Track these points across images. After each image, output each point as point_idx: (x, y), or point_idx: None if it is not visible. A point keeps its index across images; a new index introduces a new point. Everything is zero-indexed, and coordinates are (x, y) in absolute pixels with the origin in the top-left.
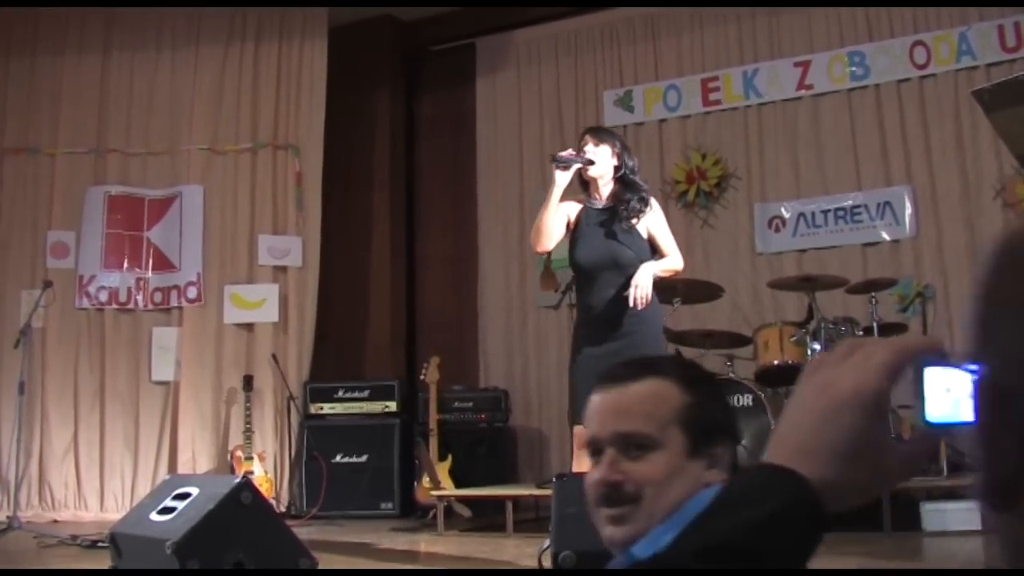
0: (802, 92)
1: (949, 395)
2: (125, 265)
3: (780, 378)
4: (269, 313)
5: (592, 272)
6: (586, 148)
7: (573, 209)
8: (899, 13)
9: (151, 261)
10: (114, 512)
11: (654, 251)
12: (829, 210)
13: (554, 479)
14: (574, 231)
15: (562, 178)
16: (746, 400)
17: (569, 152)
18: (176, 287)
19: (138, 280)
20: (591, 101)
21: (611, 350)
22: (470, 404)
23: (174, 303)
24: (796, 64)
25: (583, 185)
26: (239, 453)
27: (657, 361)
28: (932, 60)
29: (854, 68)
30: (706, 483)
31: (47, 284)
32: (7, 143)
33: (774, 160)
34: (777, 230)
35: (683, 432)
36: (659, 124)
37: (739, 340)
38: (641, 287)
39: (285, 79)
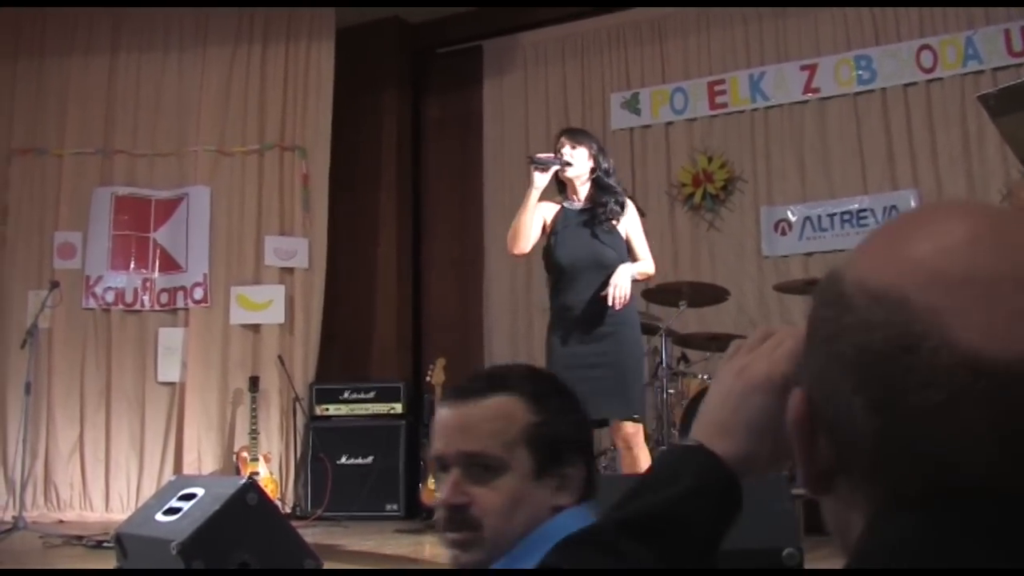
0: (809, 95)
1: None
2: (132, 266)
3: None
4: (275, 314)
5: (574, 272)
6: (563, 150)
7: (550, 211)
8: (906, 17)
9: (158, 262)
10: (119, 512)
11: (630, 253)
12: (835, 214)
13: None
14: (551, 232)
15: (540, 180)
16: None
17: (547, 154)
18: (182, 288)
19: (144, 281)
20: (598, 103)
21: (592, 351)
22: None
23: (180, 304)
24: (803, 67)
25: (559, 186)
26: (245, 454)
27: (506, 375)
28: (939, 64)
29: (861, 72)
30: (555, 506)
31: (54, 284)
32: (15, 144)
33: (780, 163)
34: (783, 233)
35: (529, 452)
36: (666, 127)
37: None
38: (620, 287)
39: (292, 80)
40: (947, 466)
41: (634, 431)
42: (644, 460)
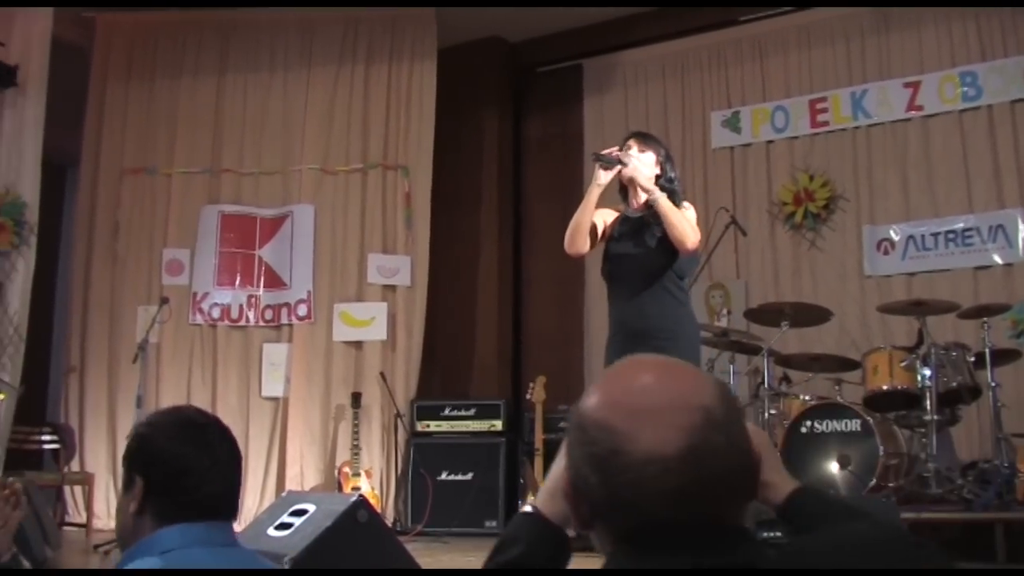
0: (912, 113)
1: None
2: (237, 282)
3: (889, 403)
4: (378, 331)
5: (622, 282)
6: (630, 152)
7: (609, 217)
8: (1013, 31)
9: (263, 279)
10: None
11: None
12: (940, 233)
13: None
14: (608, 240)
15: (604, 177)
16: (854, 425)
17: (611, 151)
18: (287, 304)
19: (250, 297)
20: (698, 122)
21: None
22: None
23: (284, 320)
24: (906, 85)
25: (622, 194)
26: (346, 469)
27: None
28: None
29: (966, 88)
30: (133, 512)
31: (163, 300)
32: (127, 163)
33: (883, 182)
34: (886, 253)
35: (126, 468)
36: (767, 145)
37: (847, 364)
38: (638, 169)
39: (395, 100)
40: (641, 515)
41: None
42: None
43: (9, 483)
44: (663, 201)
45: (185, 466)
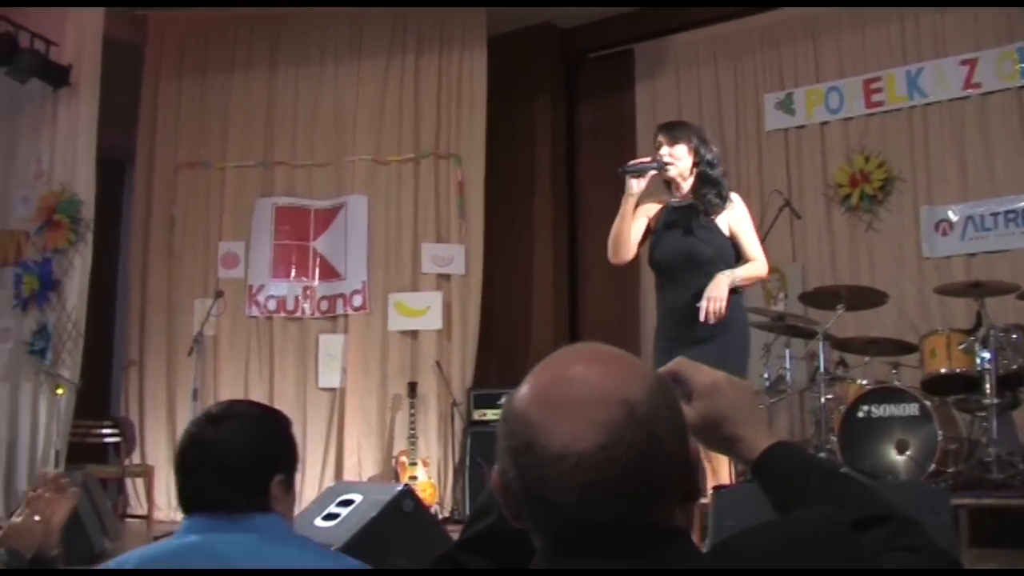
0: (969, 91)
1: None
2: (292, 274)
3: (948, 387)
4: (433, 320)
5: (670, 272)
6: (660, 150)
7: (652, 210)
8: None
9: (318, 270)
10: None
11: (736, 251)
12: (999, 212)
13: (711, 491)
14: (654, 231)
15: (636, 186)
16: (912, 409)
17: (641, 160)
18: (342, 295)
19: (305, 289)
20: (751, 105)
21: (693, 355)
22: None
23: (340, 311)
24: (962, 62)
25: (665, 183)
26: (403, 459)
27: None
28: None
29: None
30: None
31: (219, 293)
32: (181, 158)
33: (941, 161)
34: (944, 234)
35: None
36: (821, 127)
37: (905, 347)
38: (714, 300)
39: (446, 89)
40: (556, 512)
41: None
42: (723, 472)
43: (56, 477)
44: (724, 287)
45: None
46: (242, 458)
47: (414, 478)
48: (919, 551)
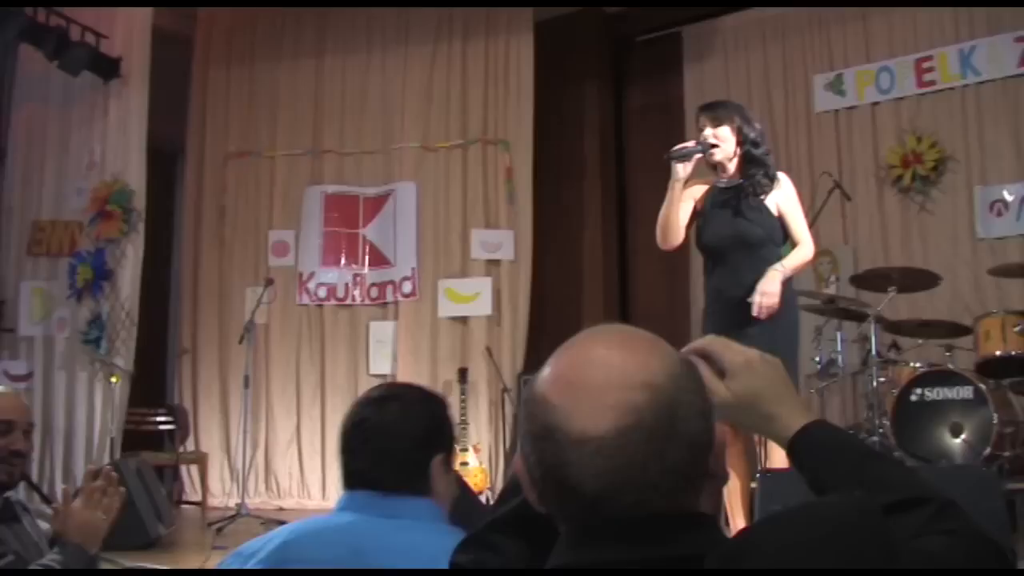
0: None
1: None
2: (342, 262)
3: (1003, 369)
4: (483, 306)
5: (720, 253)
6: (704, 132)
7: (699, 191)
8: None
9: (367, 257)
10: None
11: (784, 232)
12: None
13: (758, 475)
14: (701, 213)
15: (682, 171)
16: (967, 392)
17: (685, 145)
18: (392, 282)
19: (355, 276)
20: (800, 86)
21: (743, 336)
22: None
23: (390, 298)
24: (1017, 39)
25: (711, 165)
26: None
27: None
28: None
29: None
30: None
31: (269, 282)
32: (231, 148)
33: (995, 141)
34: (999, 214)
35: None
36: (872, 108)
37: (959, 330)
38: (767, 295)
39: (493, 75)
40: (575, 498)
41: None
42: (779, 456)
43: (104, 471)
44: (777, 282)
45: None
46: (402, 439)
47: (465, 464)
48: (958, 534)
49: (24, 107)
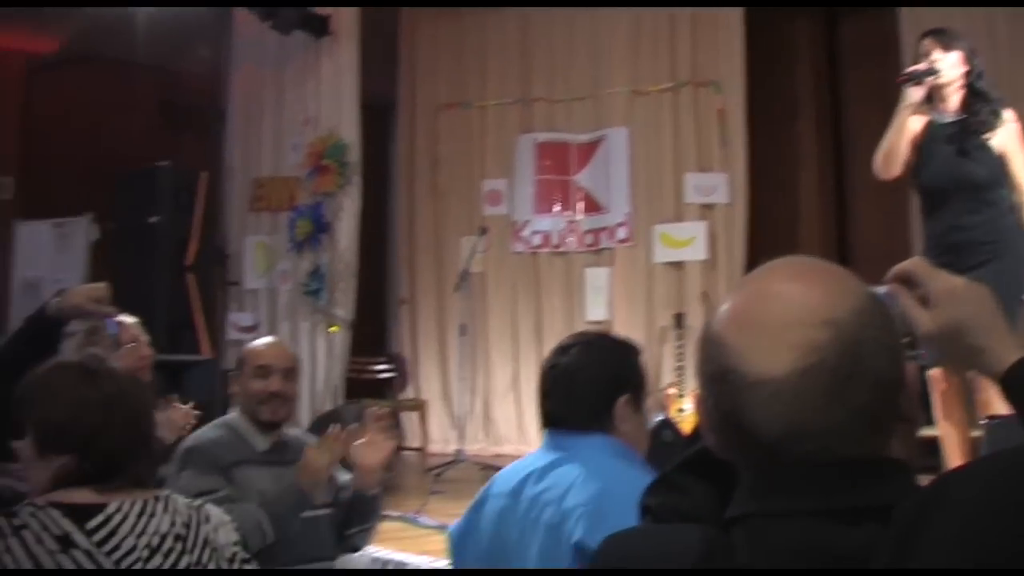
0: None
1: None
2: (556, 209)
3: None
4: (698, 251)
5: (941, 194)
6: (932, 55)
7: (916, 124)
8: None
9: (581, 204)
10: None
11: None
12: None
13: (984, 420)
14: (919, 149)
15: (915, 95)
16: None
17: (915, 68)
18: (606, 228)
19: (569, 223)
20: None
21: None
22: None
23: (605, 244)
24: None
25: (927, 98)
26: (672, 391)
27: None
28: None
29: None
30: None
31: (483, 230)
32: (442, 99)
33: None
34: None
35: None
36: None
37: None
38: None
39: (701, 15)
40: (754, 445)
41: None
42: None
43: (381, 412)
44: None
45: None
46: (585, 381)
47: (682, 410)
48: None
49: (241, 68)
